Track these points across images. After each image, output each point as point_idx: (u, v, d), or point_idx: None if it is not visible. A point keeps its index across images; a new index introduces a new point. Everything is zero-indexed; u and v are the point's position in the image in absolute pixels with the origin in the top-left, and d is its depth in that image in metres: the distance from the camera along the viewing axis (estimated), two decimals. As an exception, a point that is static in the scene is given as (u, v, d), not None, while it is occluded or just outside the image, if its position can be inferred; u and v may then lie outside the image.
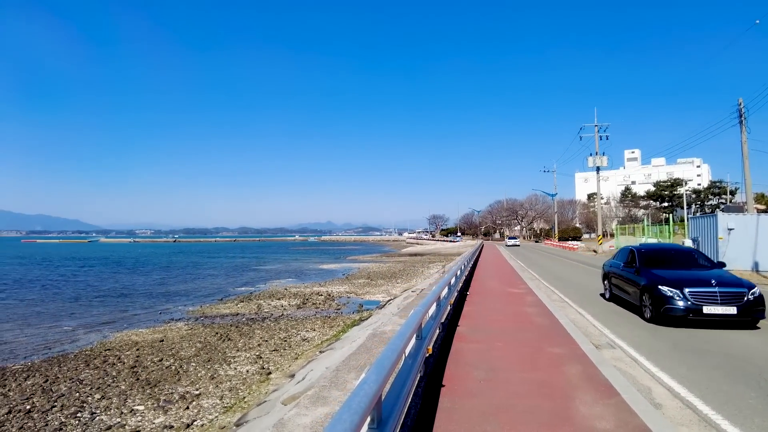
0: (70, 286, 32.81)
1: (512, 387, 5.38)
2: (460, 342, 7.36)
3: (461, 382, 5.46)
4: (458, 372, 5.82)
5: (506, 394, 5.14)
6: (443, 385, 5.28)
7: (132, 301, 24.77)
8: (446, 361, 6.23)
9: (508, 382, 5.56)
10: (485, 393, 5.16)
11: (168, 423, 8.19)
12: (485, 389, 5.28)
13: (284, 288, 29.09)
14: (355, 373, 5.35)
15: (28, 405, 9.34)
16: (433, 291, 6.19)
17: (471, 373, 5.78)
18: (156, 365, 12.00)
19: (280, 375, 10.82)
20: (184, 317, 19.56)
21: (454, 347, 6.97)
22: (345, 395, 4.64)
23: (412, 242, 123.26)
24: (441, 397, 4.94)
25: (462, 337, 7.73)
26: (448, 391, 5.09)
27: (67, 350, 14.25)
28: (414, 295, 15.41)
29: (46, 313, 21.11)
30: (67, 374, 11.44)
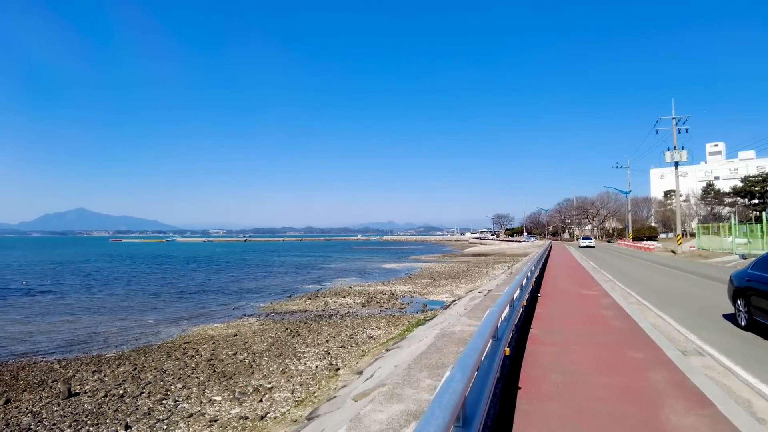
0: (152, 282, 35.19)
1: (592, 391, 5.11)
2: (534, 344, 7.12)
3: (538, 384, 5.26)
4: (534, 374, 5.61)
5: (586, 399, 4.89)
6: (519, 387, 5.11)
7: (207, 298, 26.15)
8: (521, 363, 6.04)
9: (588, 386, 5.29)
10: (564, 396, 4.93)
11: (243, 414, 8.53)
12: (564, 392, 5.05)
13: (349, 286, 29.57)
14: (427, 372, 5.30)
15: (121, 390, 10.09)
16: (506, 292, 6.01)
17: (547, 376, 5.56)
18: (231, 358, 12.56)
19: (348, 371, 10.97)
20: (255, 313, 20.39)
21: (528, 349, 6.75)
22: (419, 393, 4.61)
23: (475, 242, 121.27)
24: (518, 399, 4.78)
25: (535, 339, 7.47)
26: (525, 393, 4.92)
27: (151, 342, 15.26)
28: (481, 296, 15.11)
29: (132, 308, 22.74)
30: (152, 364, 12.24)
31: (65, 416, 8.68)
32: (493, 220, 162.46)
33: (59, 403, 9.38)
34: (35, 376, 11.41)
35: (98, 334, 16.52)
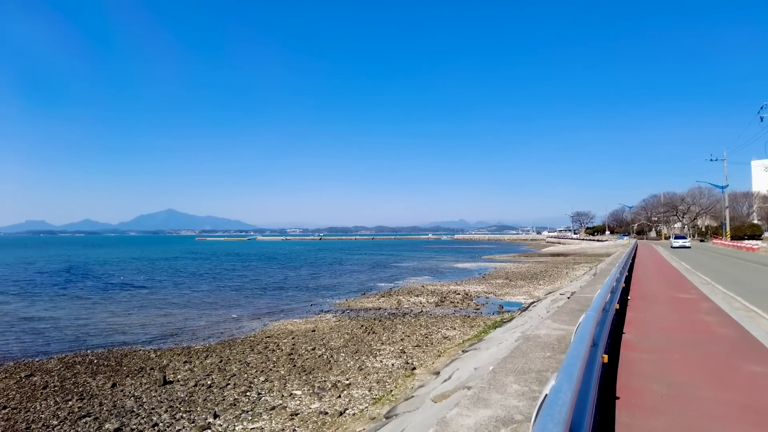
0: (235, 279, 37.12)
1: (705, 407, 4.59)
2: (628, 351, 6.58)
3: (638, 395, 4.82)
4: (632, 384, 5.16)
5: (698, 415, 4.40)
6: (617, 397, 4.71)
7: (286, 294, 27.12)
8: (616, 370, 5.59)
9: (698, 400, 4.77)
10: (671, 411, 4.47)
11: (323, 409, 8.67)
12: (670, 406, 4.58)
13: (421, 285, 29.43)
14: (513, 377, 5.05)
15: (209, 381, 10.65)
16: (598, 294, 5.60)
17: (648, 387, 5.09)
18: (309, 353, 12.87)
19: (425, 371, 10.85)
20: (331, 309, 20.83)
21: (623, 356, 6.24)
22: (506, 399, 4.38)
23: (552, 241, 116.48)
24: (617, 410, 4.40)
25: (630, 345, 6.91)
26: (625, 404, 4.52)
27: (235, 335, 16.03)
28: (563, 298, 14.39)
29: (217, 303, 24.06)
30: (237, 356, 12.82)
31: (162, 402, 9.29)
32: (572, 218, 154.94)
33: (156, 389, 10.07)
34: (135, 363, 12.35)
35: (187, 327, 17.62)
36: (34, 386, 10.56)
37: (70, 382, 10.77)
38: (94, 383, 10.67)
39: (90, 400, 9.52)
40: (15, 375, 11.46)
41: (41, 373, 11.54)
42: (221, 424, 8.09)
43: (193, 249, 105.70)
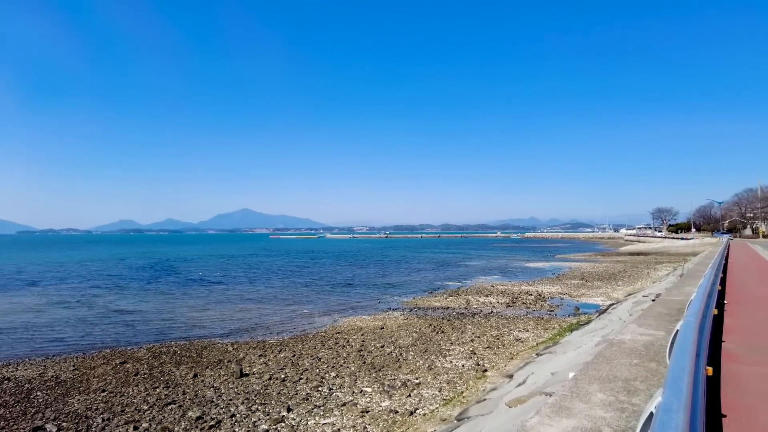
0: (306, 275, 38.21)
1: (829, 431, 3.99)
2: (731, 362, 5.92)
3: (748, 414, 4.29)
4: (740, 401, 4.61)
5: (822, 440, 3.83)
6: (724, 415, 4.22)
7: (355, 291, 27.49)
8: (719, 384, 5.03)
9: (821, 423, 4.16)
10: (788, 433, 3.93)
11: (393, 408, 8.60)
12: (786, 428, 4.04)
13: (491, 285, 28.71)
14: (598, 385, 4.68)
15: (282, 374, 10.94)
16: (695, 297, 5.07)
17: (759, 405, 4.53)
18: (378, 351, 12.89)
19: (497, 374, 10.50)
20: (399, 307, 20.82)
21: (726, 369, 5.62)
22: (591, 409, 4.06)
23: (631, 239, 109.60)
24: (724, 429, 3.94)
25: (732, 356, 6.22)
26: (734, 424, 4.03)
27: (307, 330, 16.41)
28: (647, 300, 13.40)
29: (289, 299, 24.83)
30: (309, 351, 13.10)
31: (238, 394, 9.65)
32: (653, 215, 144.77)
33: (233, 381, 10.49)
34: (214, 355, 12.97)
35: (262, 322, 18.30)
36: (127, 372, 11.38)
37: (157, 371, 11.49)
38: (178, 373, 11.31)
39: (174, 389, 10.09)
40: (111, 361, 12.43)
41: (133, 361, 12.42)
42: (294, 418, 8.25)
43: (267, 246, 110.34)
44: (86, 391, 10.10)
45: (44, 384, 10.64)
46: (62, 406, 9.22)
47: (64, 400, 9.57)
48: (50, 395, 9.87)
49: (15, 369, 11.97)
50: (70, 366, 12.09)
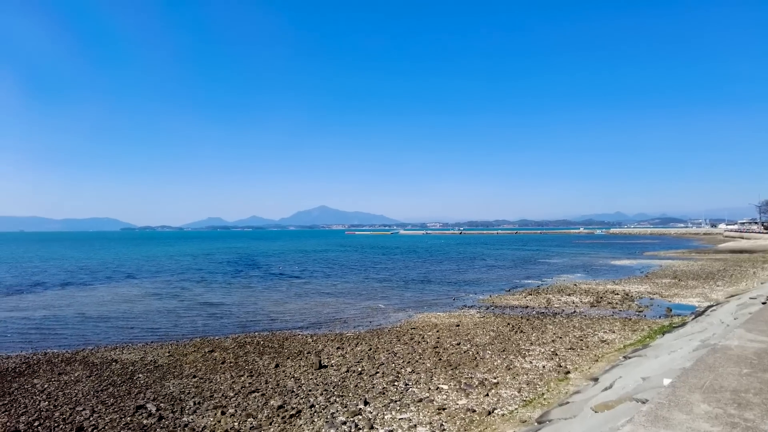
0: (380, 271, 38.68)
1: None
2: None
3: None
4: None
5: None
6: None
7: (429, 287, 27.41)
8: None
9: None
10: None
11: (470, 406, 8.43)
12: None
13: (573, 283, 27.39)
14: (700, 395, 4.26)
15: (359, 368, 11.12)
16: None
17: None
18: (454, 348, 12.72)
19: (580, 376, 9.97)
20: (475, 305, 20.44)
21: None
22: (694, 421, 3.69)
23: (732, 236, 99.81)
24: None
25: None
26: None
27: (383, 325, 16.58)
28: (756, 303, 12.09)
29: (365, 293, 25.26)
30: (384, 346, 13.21)
31: (317, 385, 9.93)
32: (759, 209, 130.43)
33: (312, 372, 10.82)
34: (294, 347, 13.46)
35: (339, 315, 18.75)
36: (215, 360, 12.12)
37: (242, 360, 12.13)
38: (261, 362, 11.86)
39: (258, 378, 10.59)
40: (201, 349, 13.30)
41: (220, 350, 13.20)
42: (371, 412, 8.34)
43: (343, 242, 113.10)
44: (180, 375, 10.87)
45: (145, 367, 11.60)
46: (160, 388, 9.99)
47: (161, 382, 10.36)
48: (150, 378, 10.73)
49: (121, 352, 13.17)
50: (166, 352, 13.08)
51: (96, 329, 16.81)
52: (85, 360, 12.41)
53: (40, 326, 17.40)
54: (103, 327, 17.17)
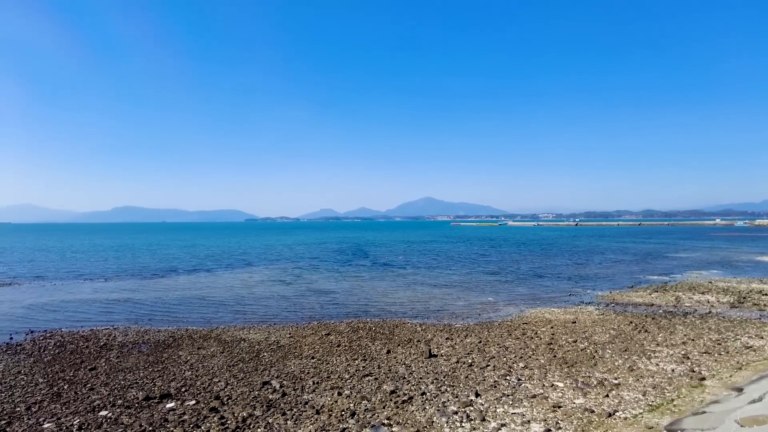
0: (489, 263, 37.95)
1: None
2: None
3: None
4: None
5: None
6: None
7: (542, 281, 26.33)
8: None
9: None
10: None
11: (588, 406, 8.02)
12: None
13: (708, 281, 24.54)
14: None
15: (469, 359, 11.09)
16: None
17: None
18: (570, 345, 12.13)
19: (719, 384, 8.97)
20: (593, 301, 19.25)
21: None
22: None
23: None
24: None
25: None
26: None
27: (492, 318, 16.32)
28: None
29: (473, 286, 25.00)
30: (495, 339, 13.00)
31: (428, 373, 10.10)
32: None
33: (423, 360, 11.02)
34: (405, 334, 13.79)
35: (447, 306, 18.79)
36: (331, 344, 12.85)
37: (356, 344, 12.72)
38: (373, 348, 12.33)
39: (371, 362, 11.04)
40: (318, 332, 14.19)
41: (335, 334, 13.97)
42: (482, 404, 8.29)
43: (448, 233, 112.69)
44: (300, 356, 11.71)
45: (269, 347, 12.67)
46: (282, 366, 10.85)
47: (283, 362, 11.25)
48: (273, 356, 11.70)
49: (247, 332, 14.51)
50: (287, 334, 14.15)
51: (225, 310, 18.70)
52: (218, 337, 13.88)
53: (179, 306, 19.79)
54: (230, 309, 19.05)
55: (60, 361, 11.50)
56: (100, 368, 10.86)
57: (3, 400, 8.88)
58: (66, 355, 12.03)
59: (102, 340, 13.66)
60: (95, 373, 10.53)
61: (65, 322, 16.57)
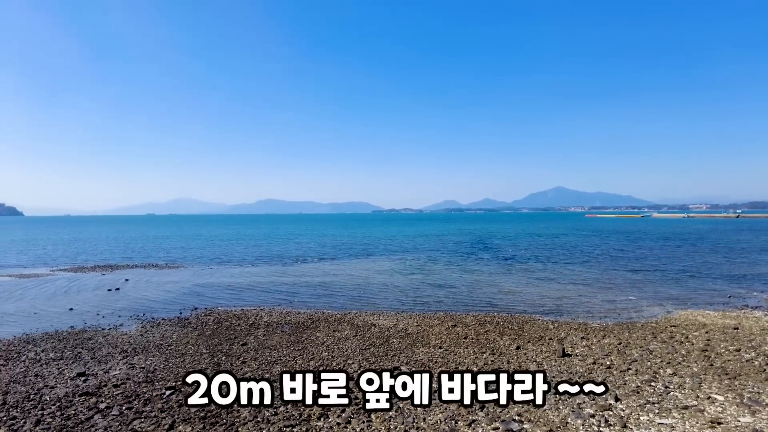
0: (628, 259, 34.74)
1: None
2: None
3: None
4: None
5: None
6: None
7: (693, 280, 23.46)
8: None
9: None
10: None
11: (757, 427, 7.00)
12: None
13: None
14: None
15: (608, 361, 10.33)
16: None
17: None
18: (732, 355, 10.67)
19: None
20: (762, 306, 16.68)
21: None
22: None
23: None
24: None
25: None
26: None
27: (634, 319, 14.99)
28: None
29: (610, 283, 23.11)
30: (637, 342, 11.94)
31: (561, 372, 9.63)
32: None
33: (555, 359, 10.53)
34: (535, 331, 13.29)
35: (581, 304, 17.66)
36: (458, 335, 12.88)
37: (483, 338, 12.58)
38: (502, 342, 12.09)
39: (499, 357, 10.84)
40: (444, 323, 14.31)
41: (462, 326, 13.96)
42: (623, 409, 7.70)
43: (581, 226, 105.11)
44: (427, 345, 11.92)
45: (397, 333, 13.09)
46: (411, 354, 11.15)
47: (411, 349, 11.54)
48: (402, 343, 12.07)
49: (377, 318, 15.16)
50: (414, 322, 14.48)
51: (353, 296, 19.73)
52: (351, 321, 14.69)
53: (314, 290, 21.32)
54: (358, 295, 20.04)
55: (218, 336, 13.14)
56: (249, 344, 12.18)
57: (177, 365, 10.44)
58: (222, 331, 13.70)
59: (251, 319, 15.30)
60: (246, 348, 11.84)
61: (220, 301, 18.88)
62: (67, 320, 15.40)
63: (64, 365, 10.43)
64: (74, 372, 9.88)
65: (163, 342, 12.44)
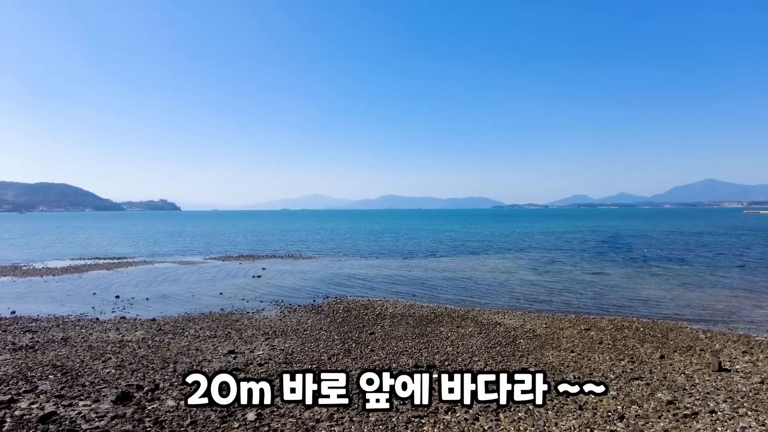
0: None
1: None
2: None
3: None
4: None
5: None
6: None
7: None
8: None
9: None
10: None
11: None
12: None
13: None
14: None
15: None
16: None
17: None
18: None
19: None
20: None
21: None
22: None
23: None
24: None
25: None
26: None
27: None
28: None
29: None
30: (818, 361, 10.12)
31: (718, 389, 8.50)
32: None
33: (710, 374, 9.35)
34: (682, 340, 11.94)
35: (740, 313, 15.47)
36: (591, 339, 12.06)
37: (620, 344, 11.63)
38: (642, 350, 11.06)
39: (640, 365, 9.93)
40: (576, 326, 13.48)
41: (596, 330, 13.04)
42: (802, 440, 6.60)
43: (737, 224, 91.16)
44: (558, 348, 11.34)
45: (524, 334, 12.65)
46: (540, 356, 10.69)
47: (540, 351, 11.07)
48: (530, 345, 11.63)
49: (502, 317, 14.79)
50: (543, 323, 13.86)
51: (477, 293, 19.47)
52: (475, 318, 14.53)
53: (435, 284, 21.43)
54: (481, 292, 19.75)
55: (348, 323, 13.87)
56: (377, 333, 12.67)
57: (312, 349, 11.23)
58: (351, 319, 14.43)
59: (377, 309, 15.90)
60: (374, 337, 12.33)
61: (349, 290, 19.92)
62: (218, 303, 17.40)
63: (217, 342, 11.81)
64: (226, 349, 11.13)
65: (299, 327, 13.49)
